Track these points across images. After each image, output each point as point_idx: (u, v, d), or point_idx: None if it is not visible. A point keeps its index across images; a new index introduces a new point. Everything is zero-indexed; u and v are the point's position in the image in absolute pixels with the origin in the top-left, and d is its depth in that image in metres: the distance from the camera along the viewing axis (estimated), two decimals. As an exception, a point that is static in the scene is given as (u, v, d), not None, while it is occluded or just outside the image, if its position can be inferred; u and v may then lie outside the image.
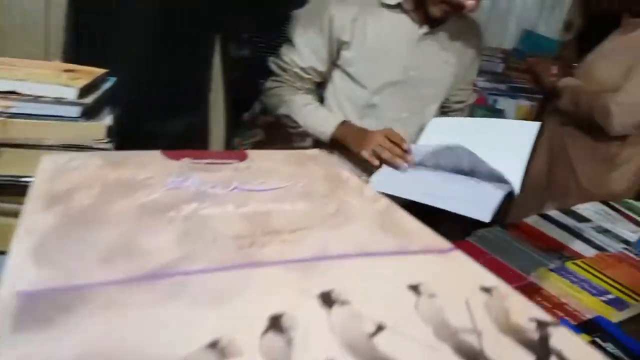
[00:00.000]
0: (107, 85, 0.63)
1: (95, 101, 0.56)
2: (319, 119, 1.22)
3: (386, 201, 0.33)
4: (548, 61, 1.80)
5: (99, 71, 0.63)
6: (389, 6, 1.16)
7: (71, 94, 0.53)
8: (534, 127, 1.09)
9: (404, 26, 1.17)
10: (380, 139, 1.13)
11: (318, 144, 1.27)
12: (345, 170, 0.37)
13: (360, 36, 1.17)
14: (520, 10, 2.95)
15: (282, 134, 1.80)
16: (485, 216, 0.94)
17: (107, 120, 0.55)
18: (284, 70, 1.24)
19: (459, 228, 1.74)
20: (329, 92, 1.28)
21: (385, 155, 1.13)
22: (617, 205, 1.40)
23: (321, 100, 1.31)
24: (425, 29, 1.18)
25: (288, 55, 1.22)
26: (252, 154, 0.36)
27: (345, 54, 1.19)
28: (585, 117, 1.59)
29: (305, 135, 1.30)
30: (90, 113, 0.54)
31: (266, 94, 1.28)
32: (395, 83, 1.20)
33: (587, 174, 1.69)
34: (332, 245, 0.26)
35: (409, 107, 1.23)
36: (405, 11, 1.17)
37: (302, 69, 1.22)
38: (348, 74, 1.22)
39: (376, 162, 1.14)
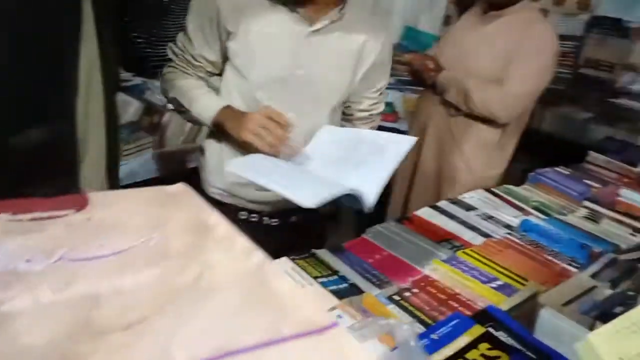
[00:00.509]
0: None
1: None
2: (203, 104, 1.20)
3: (259, 256, 0.28)
4: (424, 57, 1.87)
5: None
6: (276, 0, 1.13)
7: None
8: (409, 142, 1.08)
9: (291, 22, 1.14)
10: (262, 120, 1.08)
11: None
12: (213, 212, 0.32)
13: (244, 27, 1.14)
14: (402, 7, 3.07)
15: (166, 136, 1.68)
16: (309, 202, 0.88)
17: None
18: (177, 55, 1.24)
19: (355, 225, 1.76)
20: (222, 85, 1.25)
21: (266, 136, 1.07)
22: (498, 192, 1.49)
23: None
24: (317, 25, 1.14)
25: (182, 41, 1.23)
26: (96, 198, 0.30)
27: (231, 44, 1.16)
28: (474, 108, 1.71)
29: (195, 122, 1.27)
30: None
31: (161, 78, 1.28)
32: (280, 80, 1.17)
33: (476, 159, 1.81)
34: (178, 347, 0.20)
35: (296, 108, 1.18)
36: (291, 6, 1.13)
37: (192, 56, 1.22)
38: (234, 67, 1.19)
39: (259, 144, 1.07)
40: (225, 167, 1.05)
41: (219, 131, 1.21)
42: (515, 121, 1.79)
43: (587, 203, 1.47)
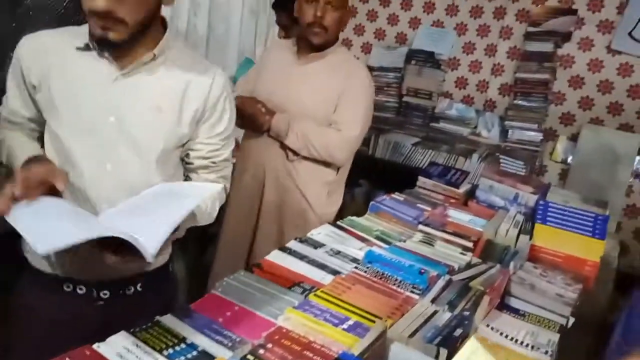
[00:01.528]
0: None
1: None
2: (16, 155, 1.08)
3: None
4: (253, 100, 1.84)
5: None
6: (79, 48, 1.07)
7: None
8: (210, 189, 1.06)
9: (99, 68, 1.06)
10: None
11: None
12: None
13: (49, 80, 1.06)
14: (239, 38, 3.08)
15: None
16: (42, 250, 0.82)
17: None
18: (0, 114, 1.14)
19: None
20: (45, 145, 1.14)
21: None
22: (343, 225, 1.53)
23: None
24: (127, 69, 1.07)
25: (3, 98, 1.14)
26: None
27: (38, 97, 1.09)
28: (315, 154, 1.82)
29: None
30: None
31: None
32: (89, 130, 1.08)
33: (319, 199, 1.87)
34: None
35: (113, 158, 1.09)
36: (96, 51, 1.06)
37: (9, 111, 1.13)
38: (46, 120, 1.10)
39: None
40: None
41: None
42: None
43: (422, 227, 1.58)
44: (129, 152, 1.11)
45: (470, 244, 1.47)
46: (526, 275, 1.38)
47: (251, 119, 1.81)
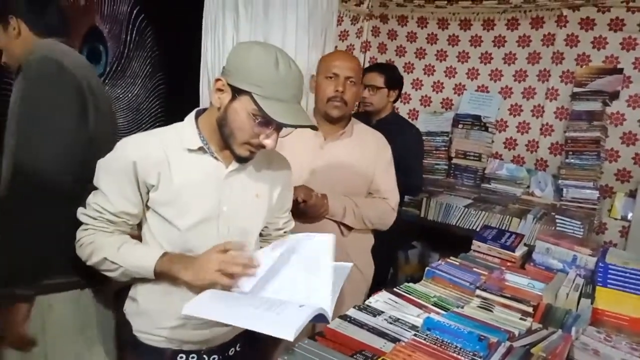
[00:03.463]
0: None
1: None
2: (138, 255, 1.21)
3: None
4: (307, 189, 1.77)
5: None
6: (191, 150, 1.22)
7: None
8: (329, 239, 1.22)
9: (210, 166, 1.24)
10: (221, 257, 1.15)
11: None
12: None
13: (165, 178, 1.20)
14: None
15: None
16: (289, 335, 0.98)
17: None
18: (94, 218, 1.23)
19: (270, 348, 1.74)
20: (146, 233, 1.28)
21: (235, 269, 1.15)
22: (400, 291, 1.57)
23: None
24: (232, 166, 1.26)
25: (97, 203, 1.22)
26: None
27: (154, 196, 1.21)
28: (370, 226, 1.90)
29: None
30: None
31: (77, 244, 1.25)
32: (208, 220, 1.24)
33: (367, 266, 1.94)
34: None
35: (225, 240, 1.25)
36: (209, 153, 1.23)
37: (113, 214, 1.23)
38: (160, 216, 1.23)
39: (226, 281, 1.15)
40: (182, 312, 1.06)
41: (160, 279, 1.21)
42: None
43: (479, 292, 1.59)
44: (237, 234, 1.29)
45: (529, 309, 1.47)
46: (589, 341, 1.36)
47: (313, 209, 1.78)
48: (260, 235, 1.43)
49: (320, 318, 1.13)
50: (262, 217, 1.36)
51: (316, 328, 1.40)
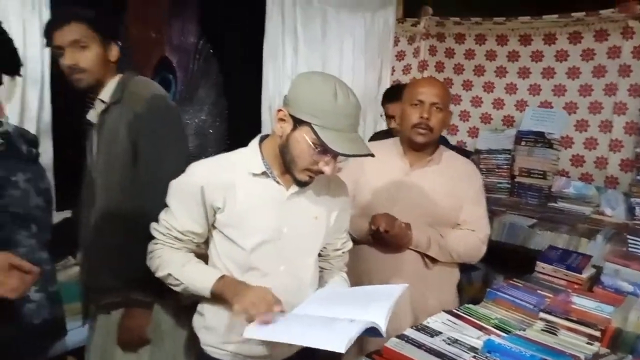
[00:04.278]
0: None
1: None
2: (198, 275, 1.30)
3: None
4: (389, 217, 1.71)
5: None
6: (255, 174, 1.30)
7: None
8: (400, 289, 1.30)
9: (272, 189, 1.31)
10: (254, 300, 1.21)
11: None
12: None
13: (231, 202, 1.28)
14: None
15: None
16: (340, 347, 1.04)
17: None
18: (163, 234, 1.33)
19: None
20: (212, 252, 1.36)
21: (253, 313, 1.20)
22: (459, 313, 1.56)
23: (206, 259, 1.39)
24: (292, 189, 1.32)
25: (167, 220, 1.32)
26: None
27: (220, 217, 1.30)
28: (458, 259, 1.83)
29: None
30: None
31: (148, 256, 1.36)
32: (270, 240, 1.31)
33: (450, 296, 1.86)
34: None
35: (287, 261, 1.34)
36: (271, 177, 1.31)
37: (180, 232, 1.32)
38: (226, 236, 1.32)
39: (242, 319, 1.21)
40: (244, 334, 1.16)
41: (215, 300, 1.30)
42: None
43: (543, 315, 1.55)
44: (298, 255, 1.37)
45: (597, 333, 1.42)
46: (664, 368, 1.30)
47: (395, 238, 1.72)
48: (320, 255, 1.47)
49: (373, 332, 1.15)
50: (321, 238, 1.41)
51: (372, 346, 1.41)
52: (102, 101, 1.58)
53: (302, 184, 1.30)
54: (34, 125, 2.03)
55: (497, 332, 1.44)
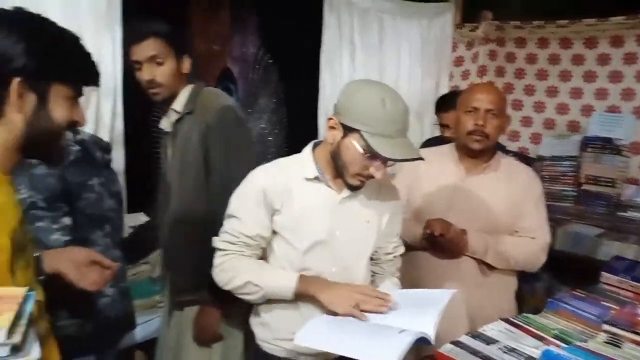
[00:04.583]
0: (29, 306, 0.65)
1: (22, 335, 0.58)
2: (279, 279, 1.34)
3: None
4: (444, 221, 1.70)
5: (21, 293, 0.66)
6: (309, 179, 1.35)
7: (0, 336, 0.55)
8: (450, 294, 1.31)
9: (325, 194, 1.36)
10: (358, 296, 1.27)
11: None
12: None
13: (288, 205, 1.34)
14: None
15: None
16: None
17: (34, 353, 0.57)
18: (232, 243, 1.37)
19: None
20: (269, 254, 1.42)
21: (369, 306, 1.26)
22: (517, 321, 1.53)
23: None
24: (344, 194, 1.36)
25: (233, 229, 1.36)
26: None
27: (277, 219, 1.36)
28: (516, 267, 1.80)
29: None
30: (17, 348, 0.56)
31: (217, 270, 1.38)
32: (322, 242, 1.36)
33: (509, 304, 1.82)
34: None
35: (338, 263, 1.38)
36: (323, 182, 1.35)
37: (249, 237, 1.36)
38: (283, 237, 1.37)
39: (358, 314, 1.25)
40: (295, 340, 1.19)
41: (297, 299, 1.34)
42: None
43: (606, 327, 1.49)
44: (350, 258, 1.40)
45: (666, 348, 1.35)
46: None
47: (450, 243, 1.71)
48: (371, 259, 1.49)
49: (422, 340, 1.17)
50: (372, 242, 1.43)
51: (425, 350, 1.41)
52: (176, 111, 1.66)
53: (353, 188, 1.34)
54: (108, 133, 2.17)
55: (557, 342, 1.40)
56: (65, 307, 1.42)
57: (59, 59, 0.88)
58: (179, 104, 1.66)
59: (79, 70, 0.93)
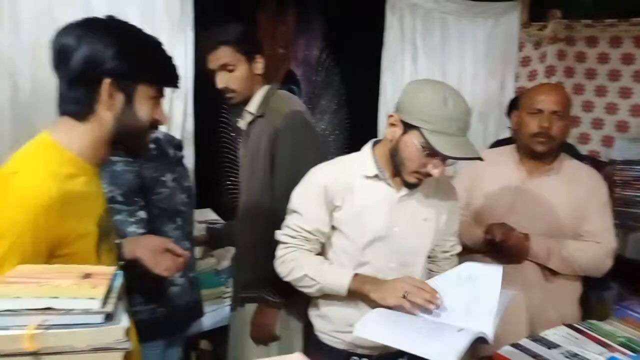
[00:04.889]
0: (117, 283, 0.73)
1: (114, 306, 0.66)
2: (335, 275, 1.38)
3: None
4: (505, 226, 1.67)
5: (111, 271, 0.74)
6: (369, 177, 1.38)
7: (96, 305, 0.63)
8: (499, 271, 1.28)
9: (384, 191, 1.39)
10: (407, 286, 1.28)
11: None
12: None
13: (348, 200, 1.38)
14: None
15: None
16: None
17: (124, 321, 0.65)
18: (293, 237, 1.42)
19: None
20: (328, 248, 1.46)
21: (418, 300, 1.26)
22: (581, 327, 1.49)
23: None
24: (403, 192, 1.38)
25: (295, 224, 1.41)
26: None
27: (337, 215, 1.40)
28: (580, 271, 1.74)
29: None
30: (110, 316, 0.64)
31: (278, 262, 1.44)
32: (381, 238, 1.38)
33: (573, 311, 1.75)
34: None
35: (396, 259, 1.40)
36: (383, 179, 1.38)
37: (309, 232, 1.41)
38: (342, 232, 1.41)
39: (408, 305, 1.26)
40: (354, 333, 1.22)
41: (350, 296, 1.37)
42: None
43: (678, 337, 1.43)
44: (407, 254, 1.42)
45: None
46: None
47: (512, 249, 1.67)
48: (428, 257, 1.50)
49: (480, 339, 1.17)
50: (430, 239, 1.44)
51: (483, 350, 1.41)
52: (250, 112, 1.72)
53: (410, 186, 1.35)
54: (179, 133, 2.29)
55: (624, 350, 1.36)
56: (140, 293, 1.52)
57: (145, 62, 0.97)
58: (252, 106, 1.71)
59: (162, 72, 1.01)
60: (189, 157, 2.28)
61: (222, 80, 1.65)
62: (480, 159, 1.28)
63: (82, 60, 0.91)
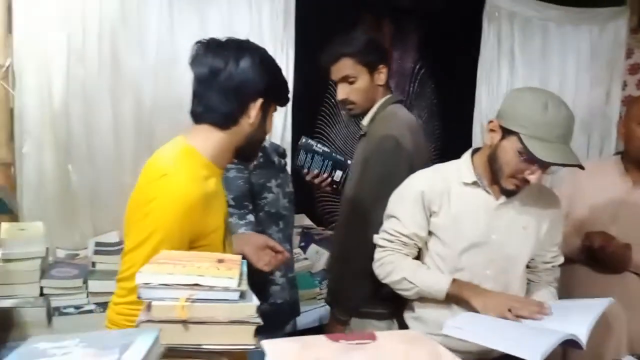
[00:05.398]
0: (244, 268, 0.85)
1: (246, 287, 0.77)
2: (433, 280, 1.42)
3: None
4: (606, 235, 1.64)
5: (238, 258, 0.86)
6: (467, 184, 1.41)
7: (233, 284, 0.75)
8: (606, 302, 1.27)
9: (482, 198, 1.40)
10: (513, 303, 1.30)
11: None
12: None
13: (446, 206, 1.41)
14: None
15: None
16: (535, 357, 1.05)
17: (254, 300, 0.75)
18: (391, 241, 1.46)
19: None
20: (426, 256, 1.48)
21: (524, 313, 1.27)
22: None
23: None
24: (501, 199, 1.39)
25: (392, 228, 1.46)
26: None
27: (435, 220, 1.43)
28: None
29: None
30: (243, 295, 0.75)
31: (376, 264, 1.49)
32: (478, 244, 1.40)
33: None
34: None
35: (493, 266, 1.40)
36: (481, 186, 1.40)
37: (406, 236, 1.44)
38: (438, 238, 1.44)
39: (511, 317, 1.27)
40: (443, 330, 1.25)
41: (447, 300, 1.40)
42: None
43: None
44: (505, 262, 1.42)
45: None
46: None
47: (611, 258, 1.64)
48: (528, 267, 1.49)
49: (573, 344, 1.15)
50: (529, 249, 1.43)
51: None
52: (363, 126, 1.75)
53: (508, 193, 1.35)
54: (278, 142, 2.44)
55: None
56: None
57: (279, 83, 1.14)
58: (366, 120, 1.74)
59: (285, 93, 1.17)
60: (287, 166, 2.42)
61: (342, 92, 1.69)
62: (579, 166, 1.26)
63: (240, 79, 1.05)
